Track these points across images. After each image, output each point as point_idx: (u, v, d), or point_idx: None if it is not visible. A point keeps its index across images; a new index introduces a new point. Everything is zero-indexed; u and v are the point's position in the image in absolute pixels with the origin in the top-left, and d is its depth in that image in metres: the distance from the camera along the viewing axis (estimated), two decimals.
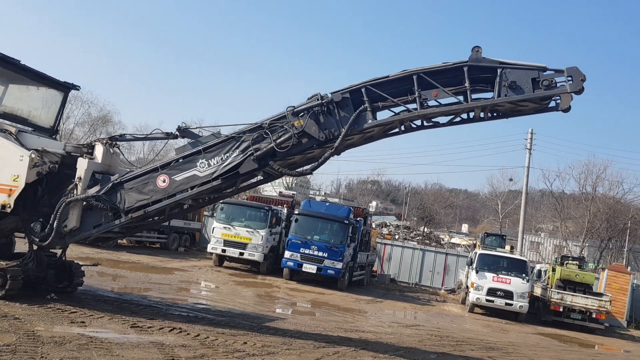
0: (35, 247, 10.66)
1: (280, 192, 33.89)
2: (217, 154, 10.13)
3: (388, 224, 57.97)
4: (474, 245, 35.88)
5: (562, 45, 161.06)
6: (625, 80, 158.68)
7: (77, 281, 11.70)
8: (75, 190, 10.33)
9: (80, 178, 10.36)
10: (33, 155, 9.97)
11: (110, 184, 10.32)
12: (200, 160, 10.16)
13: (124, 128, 51.43)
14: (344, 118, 9.65)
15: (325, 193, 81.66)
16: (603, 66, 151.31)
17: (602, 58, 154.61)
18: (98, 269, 15.86)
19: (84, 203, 10.29)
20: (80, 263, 12.24)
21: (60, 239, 10.48)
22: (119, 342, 8.29)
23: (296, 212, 24.06)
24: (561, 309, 22.43)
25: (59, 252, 11.49)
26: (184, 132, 10.77)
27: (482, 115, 9.78)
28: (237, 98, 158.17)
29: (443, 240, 53.58)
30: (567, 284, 23.12)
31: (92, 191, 10.32)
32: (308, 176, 64.55)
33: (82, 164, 10.47)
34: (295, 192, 36.18)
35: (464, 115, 9.98)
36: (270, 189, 50.17)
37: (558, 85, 8.93)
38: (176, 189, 10.21)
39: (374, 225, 40.14)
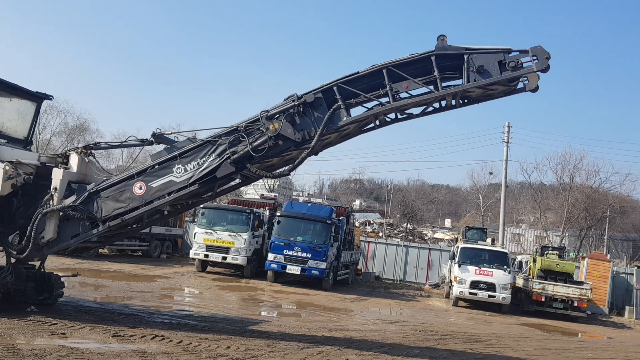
0: (13, 260, 10.52)
1: (261, 194, 33.81)
2: (194, 158, 10.09)
3: (371, 221, 58.22)
4: (456, 240, 36.21)
5: (535, 37, 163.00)
6: (598, 71, 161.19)
7: (57, 292, 11.59)
8: (51, 201, 10.24)
9: (55, 188, 10.28)
10: (7, 167, 9.90)
11: (87, 193, 10.24)
12: (177, 166, 10.12)
13: (102, 136, 51.13)
14: (319, 118, 9.67)
15: (308, 194, 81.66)
16: (577, 57, 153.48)
17: (575, 49, 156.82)
18: (79, 280, 15.72)
19: (61, 213, 10.22)
20: (60, 274, 12.12)
21: (38, 250, 10.39)
22: (100, 352, 8.24)
23: (278, 214, 24.04)
24: (543, 299, 22.72)
25: (38, 264, 11.37)
26: (159, 138, 10.72)
27: (453, 102, 9.90)
28: (213, 103, 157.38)
29: (426, 235, 53.96)
30: (548, 274, 23.44)
31: (69, 201, 10.23)
32: (290, 177, 64.58)
33: (57, 174, 10.39)
34: (277, 194, 36.13)
35: (436, 105, 10.09)
36: (252, 192, 50.08)
37: (524, 65, 9.08)
38: (153, 195, 10.16)
39: (357, 224, 40.28)
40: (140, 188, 10.16)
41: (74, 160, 10.67)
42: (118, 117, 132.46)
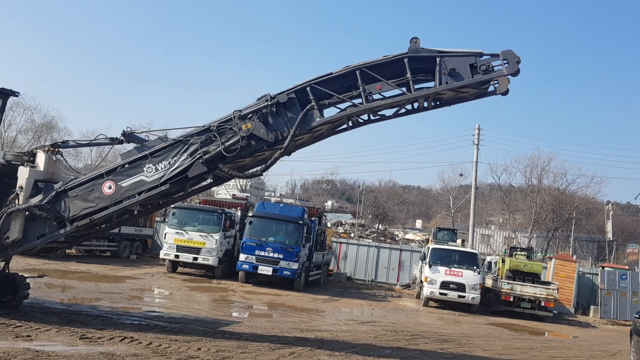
0: None
1: (233, 194, 33.59)
2: (165, 158, 9.99)
3: (343, 222, 58.30)
4: (427, 240, 36.54)
5: (504, 40, 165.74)
6: (566, 76, 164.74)
7: (22, 294, 11.31)
8: (16, 200, 10.04)
9: (21, 187, 10.08)
10: None
11: (54, 192, 10.05)
12: (147, 165, 10.00)
13: (70, 134, 50.03)
14: (292, 118, 9.67)
15: (280, 194, 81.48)
16: (546, 62, 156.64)
17: (545, 54, 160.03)
18: (45, 281, 15.37)
19: (27, 213, 10.02)
20: (26, 275, 11.84)
21: (2, 251, 10.17)
22: (67, 354, 8.06)
23: (250, 214, 23.91)
24: (511, 299, 23.04)
25: (2, 264, 11.08)
26: (129, 136, 10.58)
27: (425, 104, 10.01)
28: (185, 102, 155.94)
29: (397, 236, 54.29)
30: (516, 274, 23.79)
31: (35, 200, 10.02)
32: (262, 178, 64.33)
33: (23, 173, 10.19)
34: (249, 195, 35.96)
35: (409, 106, 10.19)
36: (223, 192, 49.75)
37: (495, 69, 9.23)
38: (123, 195, 10.02)
39: (329, 225, 40.34)
40: (110, 187, 10.00)
41: (40, 158, 10.46)
42: (87, 115, 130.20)
